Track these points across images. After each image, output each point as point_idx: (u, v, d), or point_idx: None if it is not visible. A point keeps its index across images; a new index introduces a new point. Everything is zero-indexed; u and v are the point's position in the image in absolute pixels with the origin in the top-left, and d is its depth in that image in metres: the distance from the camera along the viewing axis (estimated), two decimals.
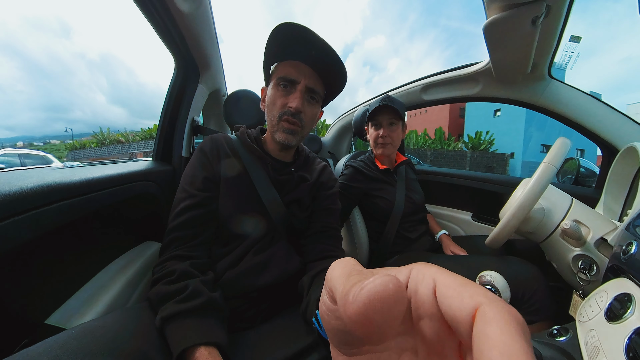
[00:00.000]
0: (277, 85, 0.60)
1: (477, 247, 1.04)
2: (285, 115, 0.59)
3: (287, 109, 0.59)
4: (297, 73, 0.58)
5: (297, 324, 0.56)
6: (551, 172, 0.68)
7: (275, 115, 0.60)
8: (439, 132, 18.94)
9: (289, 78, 0.58)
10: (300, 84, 0.59)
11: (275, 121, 0.60)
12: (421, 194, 1.15)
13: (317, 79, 0.61)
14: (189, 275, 0.49)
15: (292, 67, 0.58)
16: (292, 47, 0.56)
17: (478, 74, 1.09)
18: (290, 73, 0.58)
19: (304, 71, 0.59)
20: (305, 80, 0.59)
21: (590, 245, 0.65)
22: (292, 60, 0.59)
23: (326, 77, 0.62)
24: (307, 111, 0.61)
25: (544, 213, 0.74)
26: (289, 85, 0.59)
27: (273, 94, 0.60)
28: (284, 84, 0.59)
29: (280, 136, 0.61)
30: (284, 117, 0.59)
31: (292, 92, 0.59)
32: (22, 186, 0.43)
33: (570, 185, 1.17)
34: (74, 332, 0.36)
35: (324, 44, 0.55)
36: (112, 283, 0.61)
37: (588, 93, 0.96)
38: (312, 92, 0.61)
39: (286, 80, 0.58)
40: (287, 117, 0.59)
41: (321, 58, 0.58)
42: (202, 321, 0.45)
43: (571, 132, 1.03)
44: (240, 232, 0.61)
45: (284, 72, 0.59)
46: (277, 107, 0.60)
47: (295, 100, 0.58)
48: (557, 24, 0.73)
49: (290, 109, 0.58)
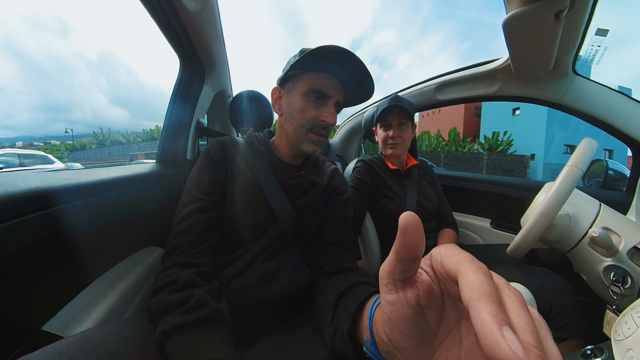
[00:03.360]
0: (307, 95, 0.60)
1: (497, 257, 1.02)
2: (317, 127, 0.61)
3: (319, 122, 0.61)
4: (332, 88, 0.61)
5: (308, 338, 0.56)
6: (577, 175, 0.66)
7: (305, 125, 0.61)
8: (453, 133, 18.74)
9: (323, 91, 0.60)
10: (333, 99, 0.62)
11: (304, 131, 0.62)
12: (435, 202, 1.13)
13: (343, 94, 0.64)
14: (194, 284, 0.49)
15: (327, 80, 0.60)
16: (333, 62, 0.58)
17: (496, 72, 1.08)
18: (326, 87, 0.60)
19: (336, 86, 0.62)
20: (337, 96, 0.62)
21: (622, 255, 0.63)
22: (326, 73, 0.61)
23: (349, 95, 0.67)
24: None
25: (570, 220, 0.73)
26: (321, 98, 0.61)
27: (302, 104, 0.61)
28: (317, 96, 0.60)
29: (309, 147, 0.63)
30: (315, 129, 0.62)
31: (323, 106, 0.61)
32: (23, 187, 0.45)
33: (598, 189, 1.14)
34: (72, 341, 0.37)
35: (363, 67, 0.59)
36: (112, 290, 0.62)
37: (616, 89, 0.94)
38: (338, 106, 0.64)
39: (319, 93, 0.60)
40: (319, 129, 0.62)
41: (357, 80, 0.62)
42: (207, 335, 0.44)
43: (598, 132, 1.01)
44: (247, 239, 0.61)
45: (319, 85, 0.60)
46: (307, 118, 0.61)
47: (331, 115, 0.62)
48: (583, 17, 0.72)
49: (324, 122, 0.61)
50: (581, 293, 0.77)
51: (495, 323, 0.13)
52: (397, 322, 0.23)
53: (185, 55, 0.93)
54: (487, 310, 0.14)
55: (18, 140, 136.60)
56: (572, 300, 0.71)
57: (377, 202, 1.09)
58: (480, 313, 0.14)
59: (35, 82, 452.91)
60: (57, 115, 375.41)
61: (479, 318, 0.14)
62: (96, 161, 28.27)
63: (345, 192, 0.75)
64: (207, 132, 1.11)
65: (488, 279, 0.16)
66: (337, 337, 0.45)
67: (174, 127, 0.98)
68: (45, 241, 0.47)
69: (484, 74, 1.13)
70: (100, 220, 0.60)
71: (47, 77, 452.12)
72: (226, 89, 1.24)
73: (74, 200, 0.54)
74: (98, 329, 0.41)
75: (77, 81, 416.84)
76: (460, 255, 0.19)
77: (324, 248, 0.67)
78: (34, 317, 0.48)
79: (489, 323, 0.14)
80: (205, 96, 1.05)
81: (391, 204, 1.05)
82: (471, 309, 0.15)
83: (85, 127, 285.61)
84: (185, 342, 0.41)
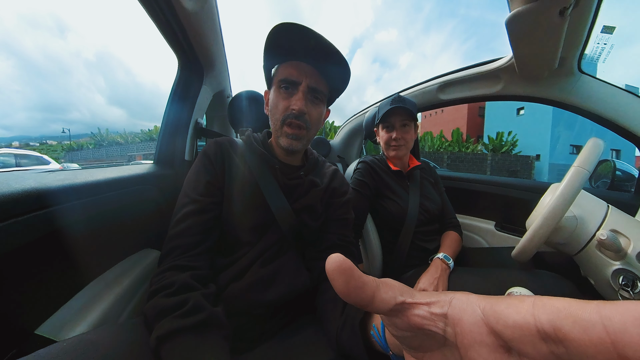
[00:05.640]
0: (278, 88, 0.61)
1: (502, 260, 1.01)
2: (289, 118, 0.60)
3: (289, 111, 0.60)
4: (298, 73, 0.59)
5: (307, 344, 0.55)
6: (583, 176, 0.66)
7: (278, 119, 0.61)
8: (456, 134, 18.74)
9: (289, 79, 0.59)
10: (302, 85, 0.59)
11: (279, 125, 0.61)
12: (437, 204, 1.13)
13: (319, 77, 0.61)
14: (190, 287, 0.49)
15: (292, 67, 0.59)
16: (290, 47, 0.57)
17: (500, 71, 1.08)
18: (291, 74, 0.59)
19: (305, 71, 0.59)
20: (306, 79, 0.59)
21: (631, 258, 0.63)
22: (292, 61, 0.60)
23: (328, 75, 0.63)
24: (311, 112, 0.62)
25: (577, 222, 0.72)
26: (291, 87, 0.60)
27: (275, 98, 0.61)
28: (286, 86, 0.60)
29: (284, 142, 0.62)
30: (287, 120, 0.60)
31: (294, 94, 0.60)
32: (17, 188, 0.45)
33: (605, 190, 1.13)
34: (65, 345, 0.37)
35: (319, 37, 0.56)
36: (107, 293, 0.61)
37: (623, 88, 0.94)
38: (315, 91, 0.61)
39: (287, 82, 0.59)
40: (291, 120, 0.60)
41: (320, 52, 0.58)
42: (203, 340, 0.43)
43: (605, 132, 1.00)
44: (246, 241, 0.61)
45: (285, 74, 0.60)
46: (279, 110, 0.60)
47: (297, 101, 0.59)
48: (588, 14, 0.72)
49: (293, 111, 0.59)
50: (589, 298, 0.76)
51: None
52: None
53: (183, 55, 0.93)
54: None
55: (14, 140, 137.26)
56: None
57: (379, 204, 1.08)
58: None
59: (32, 81, 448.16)
60: (54, 115, 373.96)
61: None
62: (93, 162, 28.34)
63: (346, 193, 0.75)
64: (206, 132, 1.11)
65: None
66: (345, 330, 0.46)
67: (172, 127, 0.98)
68: (40, 243, 0.47)
69: (487, 73, 1.13)
70: (96, 222, 0.60)
71: (44, 77, 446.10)
72: (225, 89, 1.24)
73: (69, 201, 0.54)
74: (92, 334, 0.41)
75: (75, 81, 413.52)
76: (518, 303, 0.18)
77: (326, 252, 0.67)
78: (27, 320, 0.48)
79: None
80: (203, 96, 1.05)
81: (393, 206, 1.05)
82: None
83: (82, 127, 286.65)
84: (181, 347, 0.41)
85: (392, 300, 0.22)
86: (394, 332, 0.25)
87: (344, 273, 0.21)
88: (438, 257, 0.93)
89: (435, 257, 0.94)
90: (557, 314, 0.15)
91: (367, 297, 0.21)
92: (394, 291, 0.23)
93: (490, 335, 0.18)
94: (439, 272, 0.87)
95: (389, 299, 0.22)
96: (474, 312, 0.19)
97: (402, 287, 0.24)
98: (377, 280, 0.23)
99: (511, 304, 0.17)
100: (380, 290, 0.22)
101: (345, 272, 0.21)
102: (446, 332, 0.21)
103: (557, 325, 0.15)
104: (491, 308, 0.18)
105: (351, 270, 0.21)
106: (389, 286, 0.23)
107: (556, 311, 0.15)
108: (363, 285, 0.21)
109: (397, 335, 0.25)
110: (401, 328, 0.23)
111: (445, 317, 0.21)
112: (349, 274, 0.21)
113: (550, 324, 0.15)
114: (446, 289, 0.84)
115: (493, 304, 0.19)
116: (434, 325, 0.21)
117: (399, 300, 0.22)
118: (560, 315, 0.15)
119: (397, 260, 1.03)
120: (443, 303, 0.22)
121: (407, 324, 0.22)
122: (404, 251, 1.01)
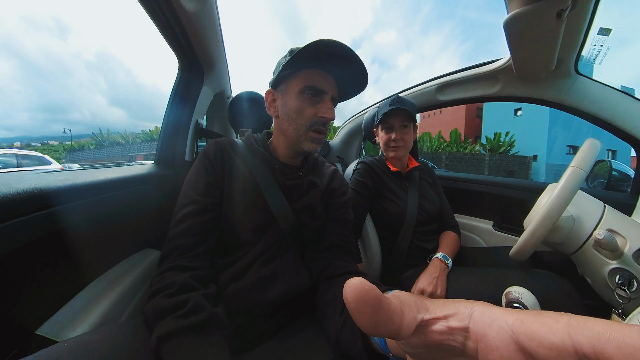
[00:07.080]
0: (303, 94, 0.60)
1: (500, 259, 1.02)
2: (317, 125, 0.61)
3: (318, 118, 0.61)
4: (326, 83, 0.61)
5: (307, 343, 0.55)
6: (580, 177, 0.66)
7: (304, 124, 0.61)
8: (455, 134, 18.77)
9: (318, 87, 0.60)
10: (328, 94, 0.62)
11: (303, 130, 0.62)
12: (436, 204, 1.13)
13: (337, 88, 0.65)
14: (190, 288, 0.49)
15: (320, 76, 0.61)
16: (329, 59, 0.58)
17: (498, 72, 1.08)
18: (320, 82, 0.60)
19: (329, 81, 0.62)
20: (332, 91, 0.62)
21: (628, 258, 0.63)
22: (319, 70, 0.61)
23: (345, 92, 0.67)
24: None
25: (574, 222, 0.72)
26: (317, 94, 0.61)
27: (299, 103, 0.61)
28: (313, 93, 0.60)
29: (310, 146, 0.63)
30: (315, 127, 0.61)
31: (320, 102, 0.61)
32: (18, 189, 0.44)
33: (602, 190, 1.14)
34: (66, 346, 0.37)
35: (359, 60, 0.59)
36: (108, 293, 0.61)
37: (619, 89, 0.94)
38: (334, 100, 0.64)
39: (315, 90, 0.60)
40: (318, 127, 0.62)
41: (352, 73, 0.62)
42: (203, 340, 0.43)
43: (601, 132, 1.01)
44: (246, 241, 0.61)
45: (313, 81, 0.60)
46: (305, 116, 0.61)
47: (329, 110, 0.61)
48: (585, 16, 0.72)
49: (323, 118, 0.61)
50: (586, 296, 0.76)
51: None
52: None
53: (184, 56, 0.93)
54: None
55: (16, 140, 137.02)
56: (576, 304, 0.71)
57: (378, 204, 1.08)
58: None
59: (34, 82, 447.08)
60: (55, 115, 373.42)
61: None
62: (94, 162, 28.30)
63: (346, 193, 0.75)
64: (206, 133, 1.11)
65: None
66: (344, 330, 0.46)
67: (173, 128, 0.98)
68: (41, 243, 0.47)
69: (485, 75, 1.13)
70: (96, 222, 0.60)
71: (46, 78, 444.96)
72: (225, 90, 1.24)
73: (71, 201, 0.53)
74: (92, 334, 0.41)
75: (76, 82, 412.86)
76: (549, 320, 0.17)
77: (325, 252, 0.67)
78: (28, 320, 0.48)
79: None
80: (204, 97, 1.05)
81: (392, 206, 1.05)
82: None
83: (83, 128, 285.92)
84: (182, 347, 0.41)
85: (413, 323, 0.20)
86: (408, 350, 0.23)
87: (370, 304, 0.17)
88: (437, 256, 0.93)
89: (434, 256, 0.94)
90: (599, 337, 0.15)
91: (396, 328, 0.19)
92: (412, 309, 0.21)
93: (519, 352, 0.17)
94: (437, 271, 0.87)
95: (411, 321, 0.20)
96: (500, 328, 0.18)
97: (415, 301, 0.22)
98: (398, 300, 0.21)
99: (545, 323, 0.17)
100: (405, 315, 0.20)
101: (371, 302, 0.17)
102: (465, 346, 0.20)
103: (599, 349, 0.14)
104: (522, 325, 0.17)
105: (378, 300, 0.18)
106: (407, 305, 0.21)
107: (597, 334, 0.15)
108: (392, 316, 0.19)
109: (410, 352, 0.23)
110: (416, 346, 0.21)
111: (465, 331, 0.20)
112: (376, 305, 0.17)
113: (592, 348, 0.15)
114: (445, 289, 0.84)
115: (524, 321, 0.18)
116: (453, 340, 0.20)
117: (418, 319, 0.21)
118: (602, 338, 0.15)
119: (396, 260, 1.03)
120: (462, 316, 0.20)
121: (423, 342, 0.21)
122: (403, 251, 1.01)
